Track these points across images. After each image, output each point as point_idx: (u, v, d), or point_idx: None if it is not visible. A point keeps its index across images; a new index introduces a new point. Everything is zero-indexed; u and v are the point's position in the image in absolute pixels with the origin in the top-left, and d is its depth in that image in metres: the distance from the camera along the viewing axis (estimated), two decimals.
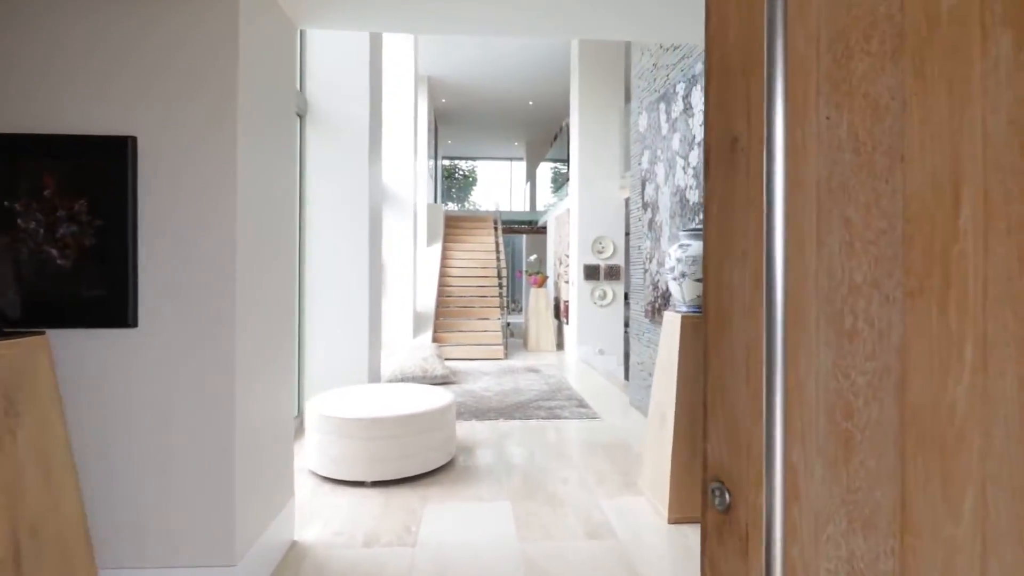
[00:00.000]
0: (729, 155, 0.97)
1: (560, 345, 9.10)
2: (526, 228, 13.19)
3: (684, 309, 2.86)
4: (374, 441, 3.04)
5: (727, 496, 0.95)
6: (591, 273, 7.90)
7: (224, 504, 1.89)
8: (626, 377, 7.90)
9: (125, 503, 1.85)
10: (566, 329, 8.88)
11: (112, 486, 1.85)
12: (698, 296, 2.80)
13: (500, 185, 17.40)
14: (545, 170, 13.27)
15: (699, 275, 2.77)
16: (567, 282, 8.76)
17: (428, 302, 8.64)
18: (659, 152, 4.12)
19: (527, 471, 3.36)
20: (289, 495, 2.46)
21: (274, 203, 2.25)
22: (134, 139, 1.84)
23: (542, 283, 9.16)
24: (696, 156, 3.45)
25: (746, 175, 0.92)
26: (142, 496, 1.86)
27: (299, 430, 3.98)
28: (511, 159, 16.94)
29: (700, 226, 2.89)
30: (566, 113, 12.04)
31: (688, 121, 3.57)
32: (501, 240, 10.72)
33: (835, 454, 0.77)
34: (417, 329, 7.92)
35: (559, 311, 9.40)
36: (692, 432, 2.73)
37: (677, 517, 2.67)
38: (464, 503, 2.88)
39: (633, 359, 4.99)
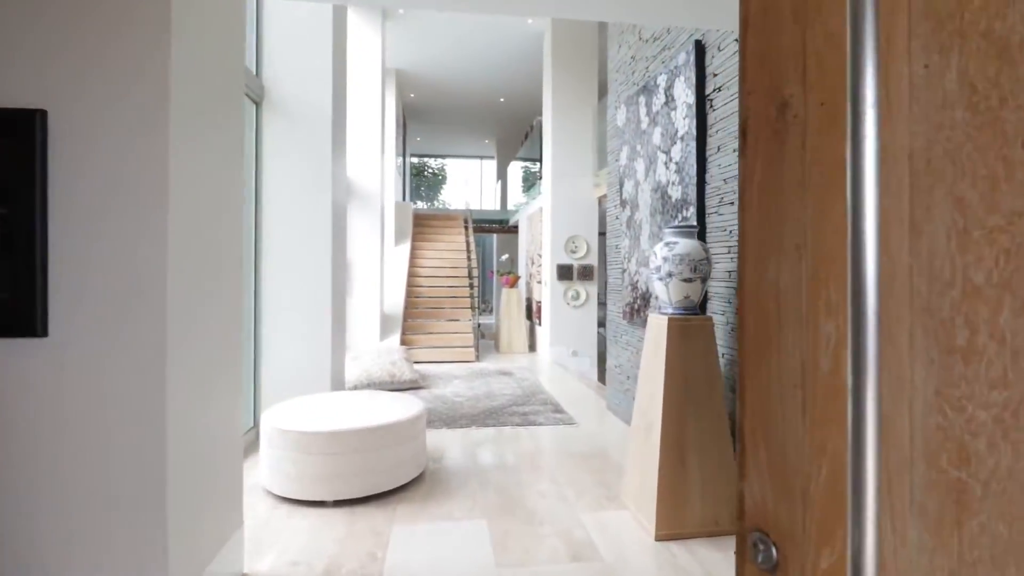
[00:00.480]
0: (774, 125, 0.78)
1: (532, 346, 8.92)
2: (497, 227, 12.98)
3: (670, 311, 2.70)
4: (336, 456, 2.78)
5: (773, 552, 0.76)
6: (564, 273, 7.74)
7: (155, 539, 1.62)
8: (600, 379, 7.78)
9: (30, 543, 1.56)
10: (539, 330, 8.70)
11: (13, 522, 1.55)
12: (686, 297, 2.64)
13: (470, 183, 17.14)
14: (516, 169, 13.09)
15: (687, 275, 2.61)
16: (540, 282, 8.59)
17: (396, 303, 8.34)
18: (639, 147, 3.97)
19: (503, 484, 3.15)
20: (238, 523, 2.19)
21: (218, 193, 1.98)
22: (43, 113, 1.55)
23: (514, 283, 8.96)
24: (679, 151, 3.30)
25: (800, 149, 0.73)
26: (53, 534, 1.57)
27: (255, 444, 3.67)
28: (481, 157, 16.70)
29: (686, 223, 2.73)
30: (538, 111, 11.88)
31: (670, 114, 3.42)
32: (472, 239, 10.48)
33: (940, 513, 0.58)
34: (384, 331, 7.62)
35: (531, 312, 9.22)
36: (680, 443, 2.56)
37: (664, 534, 2.50)
38: (436, 523, 2.65)
39: (610, 362, 4.84)
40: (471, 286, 9.28)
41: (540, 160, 10.30)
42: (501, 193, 14.04)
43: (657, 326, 2.70)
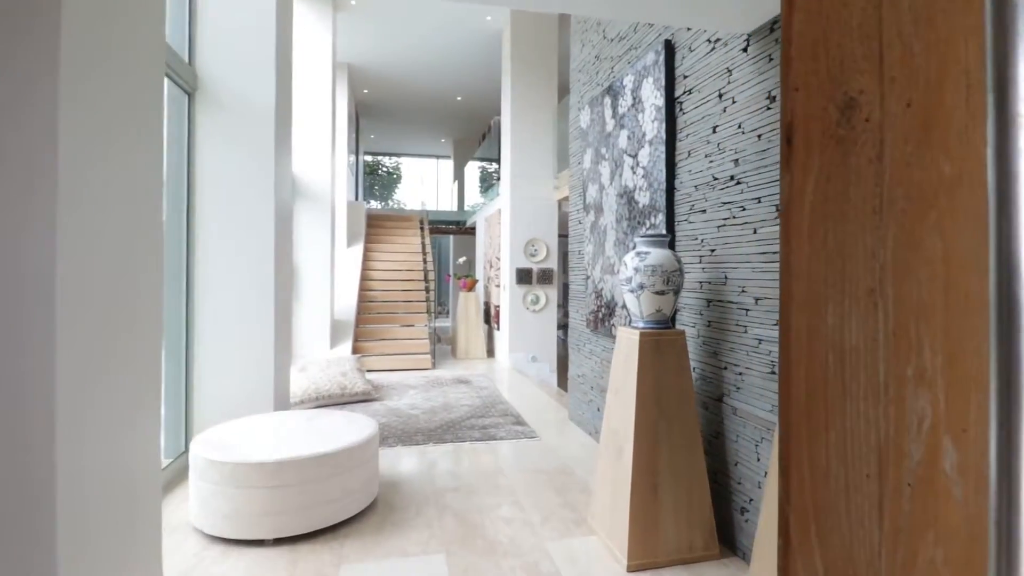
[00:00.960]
0: (835, 131, 0.60)
1: (491, 352, 8.71)
2: (454, 228, 12.70)
3: (641, 325, 2.54)
4: (278, 489, 2.49)
5: None
6: (523, 277, 7.57)
7: None
8: (560, 385, 7.65)
9: None
10: (497, 335, 8.51)
11: None
12: (658, 310, 2.49)
13: (426, 183, 16.77)
14: (474, 169, 12.85)
15: (659, 287, 2.46)
16: (498, 286, 8.39)
17: (348, 308, 7.96)
18: (604, 150, 3.82)
19: (462, 510, 2.92)
20: (155, 572, 1.88)
21: (127, 189, 1.68)
22: None
23: (472, 287, 8.73)
24: (647, 155, 3.17)
25: (875, 163, 0.56)
26: None
27: (184, 474, 3.31)
28: (438, 156, 16.36)
29: (658, 233, 2.58)
30: (496, 110, 11.69)
31: (638, 117, 3.28)
32: (428, 241, 10.17)
33: None
34: (335, 339, 7.24)
35: (490, 316, 9.01)
36: (653, 467, 2.41)
37: (638, 563, 2.34)
38: (388, 560, 2.40)
39: (572, 370, 4.69)
40: (427, 290, 8.98)
41: (498, 161, 10.11)
42: (458, 193, 13.77)
43: (627, 340, 2.54)
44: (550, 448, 4.00)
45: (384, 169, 16.65)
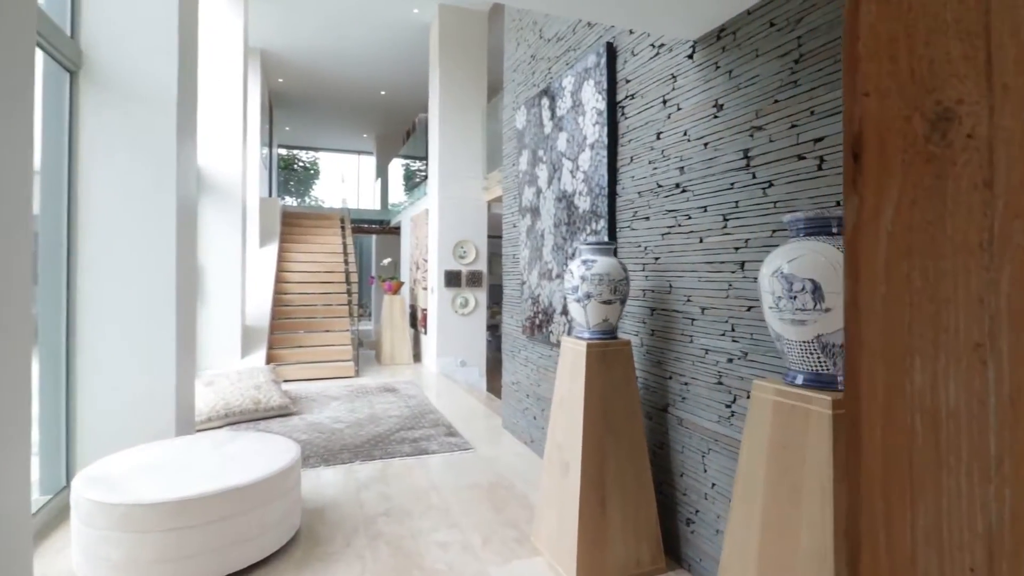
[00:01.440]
0: (924, 148, 0.50)
1: (417, 357, 8.43)
2: (377, 228, 12.22)
3: (587, 335, 2.46)
4: (181, 532, 2.16)
5: None
6: (452, 279, 7.37)
7: None
8: (490, 391, 7.53)
9: None
10: (424, 340, 8.24)
11: None
12: (604, 320, 2.42)
13: (347, 180, 16.05)
14: (398, 166, 12.43)
15: (607, 296, 2.38)
16: (425, 288, 8.13)
17: (262, 314, 7.39)
18: (541, 153, 3.73)
19: (396, 536, 2.71)
20: None
21: None
22: None
23: (397, 289, 8.40)
24: (587, 159, 3.10)
25: (982, 190, 0.46)
26: None
27: (64, 514, 2.84)
28: (359, 152, 15.71)
29: (603, 241, 2.51)
30: (422, 107, 11.37)
31: (578, 120, 3.21)
32: (351, 240, 9.69)
33: None
34: (247, 347, 6.68)
35: (416, 320, 8.71)
36: (601, 482, 2.33)
37: None
38: None
39: (506, 377, 4.57)
40: (349, 292, 8.54)
41: (426, 159, 9.83)
42: (381, 191, 13.27)
43: (573, 351, 2.45)
44: (485, 460, 3.85)
45: (300, 164, 15.75)
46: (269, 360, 6.78)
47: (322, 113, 12.47)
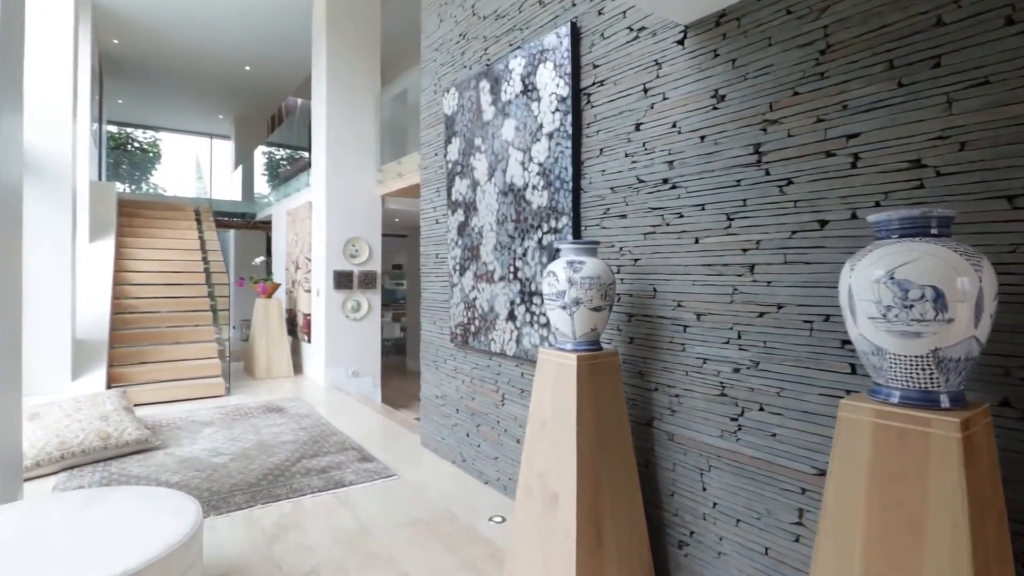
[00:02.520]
0: None
1: (298, 368, 7.50)
2: (239, 222, 10.77)
3: (570, 346, 2.17)
4: None
5: None
6: (343, 281, 6.65)
7: None
8: (384, 400, 6.95)
9: None
10: (306, 348, 7.35)
11: None
12: (592, 329, 2.15)
13: (198, 166, 14.00)
14: (264, 154, 11.08)
15: (597, 303, 2.11)
16: (308, 291, 7.25)
17: (96, 324, 6.01)
18: (479, 141, 3.36)
19: None
20: None
21: None
22: None
23: (272, 292, 7.39)
24: (544, 149, 2.81)
25: None
26: None
27: None
28: (212, 135, 13.79)
29: (592, 240, 2.24)
30: (297, 87, 10.26)
31: (531, 106, 2.90)
32: (214, 236, 8.36)
33: None
34: (80, 366, 5.36)
35: (296, 327, 7.75)
36: (596, 512, 2.05)
37: None
38: None
39: (427, 391, 4.12)
40: (211, 296, 7.33)
41: (299, 148, 8.85)
42: (244, 181, 11.73)
43: (558, 366, 2.14)
44: (414, 488, 3.38)
45: (136, 144, 13.38)
46: (112, 381, 5.51)
47: (167, 86, 10.69)
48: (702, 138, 2.11)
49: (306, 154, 8.93)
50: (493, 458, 3.34)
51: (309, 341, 7.17)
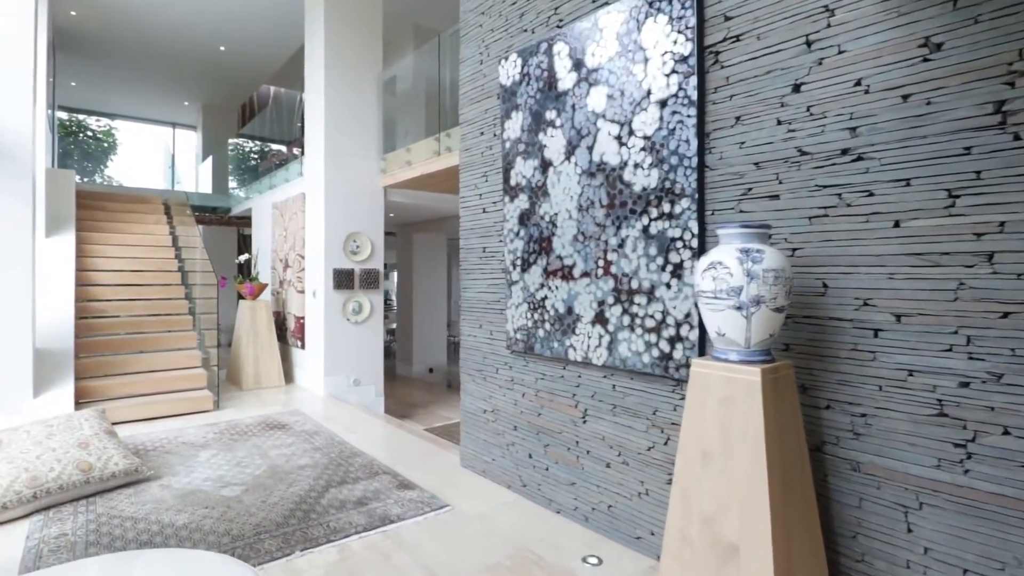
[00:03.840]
0: None
1: (289, 376, 6.81)
2: (210, 217, 9.91)
3: (739, 356, 1.73)
4: None
5: None
6: (344, 280, 6.03)
7: None
8: (387, 410, 6.40)
9: None
10: (298, 355, 6.68)
11: None
12: (770, 335, 1.71)
13: (161, 156, 12.92)
14: (243, 146, 10.25)
15: (780, 302, 1.68)
16: (301, 292, 6.58)
17: (59, 330, 5.21)
18: (552, 115, 2.89)
19: None
20: None
21: None
22: None
23: (259, 293, 6.69)
24: (652, 120, 2.36)
25: None
26: None
27: None
28: (175, 124, 12.75)
29: (763, 223, 1.80)
30: (276, 74, 9.51)
31: (632, 70, 2.45)
32: (191, 231, 7.55)
33: None
34: (42, 381, 4.60)
35: (285, 331, 7.06)
36: (791, 568, 1.62)
37: None
38: None
39: (470, 404, 3.61)
40: (189, 297, 6.57)
41: (291, 140, 8.17)
42: (214, 174, 10.82)
43: (731, 381, 1.70)
44: (476, 521, 2.88)
45: (89, 133, 12.22)
46: (80, 397, 4.75)
47: (128, 67, 9.72)
48: (905, 97, 1.71)
49: (280, 147, 8.25)
50: (569, 484, 2.87)
51: (302, 347, 6.51)
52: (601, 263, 2.63)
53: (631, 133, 2.46)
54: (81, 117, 11.89)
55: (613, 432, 2.64)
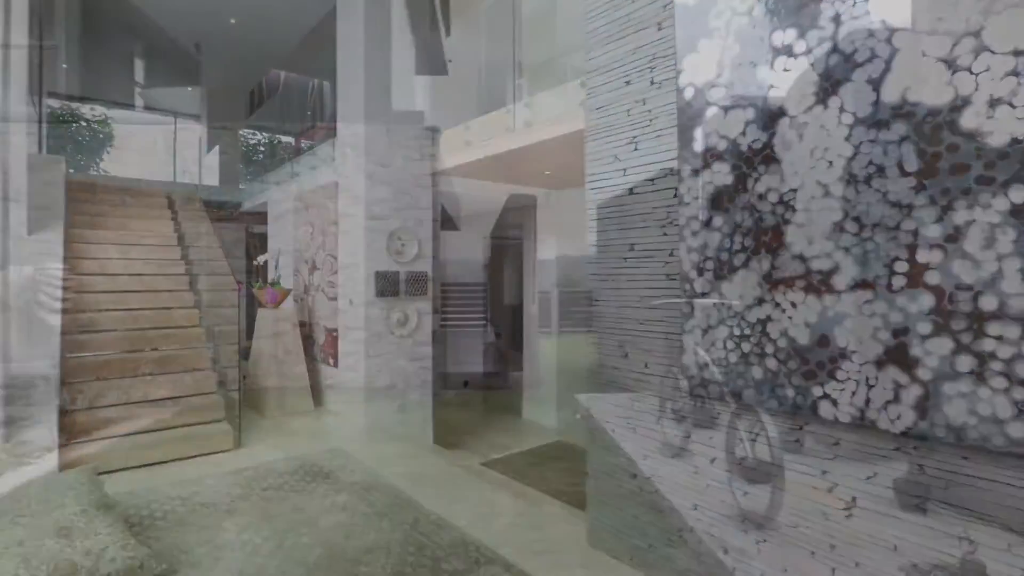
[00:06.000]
0: None
1: (318, 399, 5.77)
2: (218, 213, 8.86)
3: None
4: None
5: None
6: (388, 286, 5.02)
7: None
8: (436, 441, 5.38)
9: None
10: (329, 375, 5.65)
11: None
12: None
13: (163, 145, 11.85)
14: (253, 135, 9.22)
15: None
16: (333, 299, 5.56)
17: (42, 350, 4.18)
18: (793, 36, 1.87)
19: None
20: None
21: None
22: None
23: (282, 300, 5.67)
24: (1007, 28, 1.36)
25: None
26: None
27: None
28: (176, 114, 11.69)
29: None
30: (289, 56, 8.47)
31: None
32: (204, 229, 6.52)
33: None
34: (15, 415, 3.57)
35: (312, 345, 6.02)
36: None
37: None
38: None
39: (607, 461, 2.60)
40: (198, 306, 5.53)
41: (313, 126, 7.17)
42: (220, 165, 9.79)
43: None
44: None
45: (84, 123, 11.16)
46: (69, 436, 3.72)
47: (126, 47, 8.69)
48: None
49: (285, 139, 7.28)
50: None
51: (335, 365, 5.48)
52: (901, 267, 1.62)
53: (982, 49, 1.45)
54: (75, 105, 10.84)
55: (916, 540, 1.63)
